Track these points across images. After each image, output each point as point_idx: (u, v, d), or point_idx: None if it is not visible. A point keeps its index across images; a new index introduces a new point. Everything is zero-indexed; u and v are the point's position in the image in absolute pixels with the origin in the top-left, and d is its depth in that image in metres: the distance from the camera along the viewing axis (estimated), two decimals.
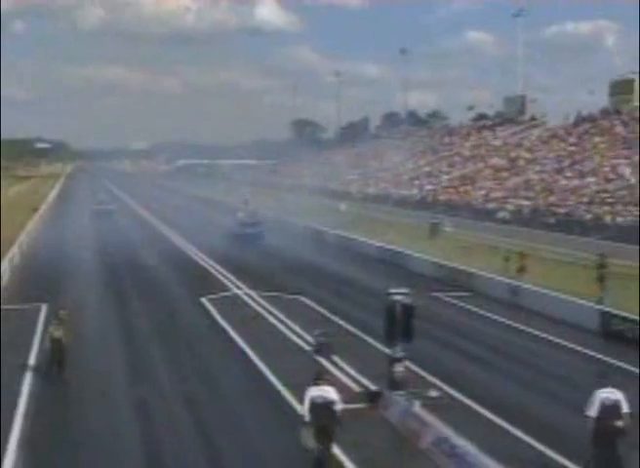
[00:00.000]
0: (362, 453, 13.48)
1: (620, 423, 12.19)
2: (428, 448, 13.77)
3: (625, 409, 12.30)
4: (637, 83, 70.54)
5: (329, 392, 12.77)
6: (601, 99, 77.49)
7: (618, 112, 68.94)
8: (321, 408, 12.54)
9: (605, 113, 70.90)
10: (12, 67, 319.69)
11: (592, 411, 12.32)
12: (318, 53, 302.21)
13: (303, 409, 12.76)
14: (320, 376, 13.17)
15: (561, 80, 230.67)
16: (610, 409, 12.25)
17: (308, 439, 12.53)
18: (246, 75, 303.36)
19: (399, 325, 16.15)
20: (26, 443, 13.96)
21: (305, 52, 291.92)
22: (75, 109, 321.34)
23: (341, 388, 16.32)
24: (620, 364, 19.77)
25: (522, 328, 23.91)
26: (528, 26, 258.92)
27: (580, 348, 21.30)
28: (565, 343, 21.86)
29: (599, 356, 20.51)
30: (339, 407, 12.69)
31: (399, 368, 16.03)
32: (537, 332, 23.18)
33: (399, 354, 16.10)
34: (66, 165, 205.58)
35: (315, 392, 12.74)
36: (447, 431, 13.82)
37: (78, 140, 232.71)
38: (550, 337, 22.53)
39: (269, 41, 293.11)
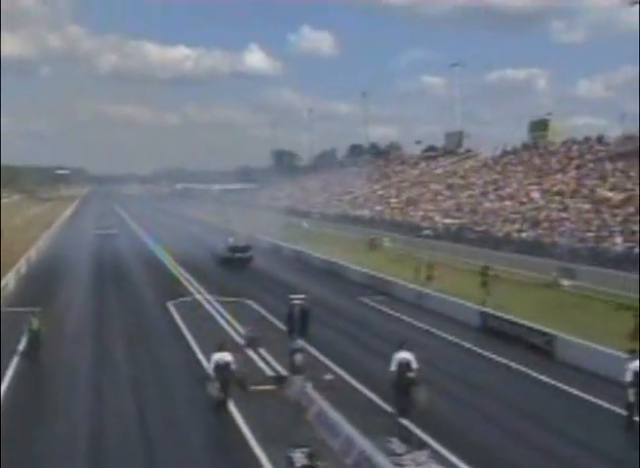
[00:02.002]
0: (261, 423, 14.82)
1: (411, 375, 14.93)
2: (312, 420, 15.19)
3: (415, 365, 15.00)
4: (550, 123, 72.43)
5: (228, 356, 15.50)
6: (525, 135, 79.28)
7: (535, 146, 70.68)
8: (222, 367, 15.29)
9: (525, 147, 72.67)
10: (38, 105, 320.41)
11: (392, 367, 15.07)
12: (297, 93, 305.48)
13: (209, 368, 15.55)
14: (222, 345, 15.89)
15: (500, 117, 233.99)
16: (404, 366, 15.00)
17: (212, 389, 15.33)
18: (236, 112, 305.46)
19: (297, 323, 17.56)
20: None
21: (287, 92, 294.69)
22: (91, 140, 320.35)
23: (258, 373, 17.92)
24: (480, 351, 21.33)
25: (418, 324, 25.26)
26: (475, 72, 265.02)
27: (457, 340, 22.76)
28: (447, 336, 23.29)
29: (471, 347, 21.97)
30: (234, 366, 15.37)
31: (298, 357, 17.41)
32: (428, 328, 24.54)
33: (298, 346, 17.49)
34: (83, 188, 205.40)
35: (218, 356, 15.46)
36: (325, 405, 15.24)
37: (94, 167, 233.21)
38: (438, 332, 23.96)
39: (256, 83, 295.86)
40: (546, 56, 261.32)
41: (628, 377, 14.79)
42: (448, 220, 56.61)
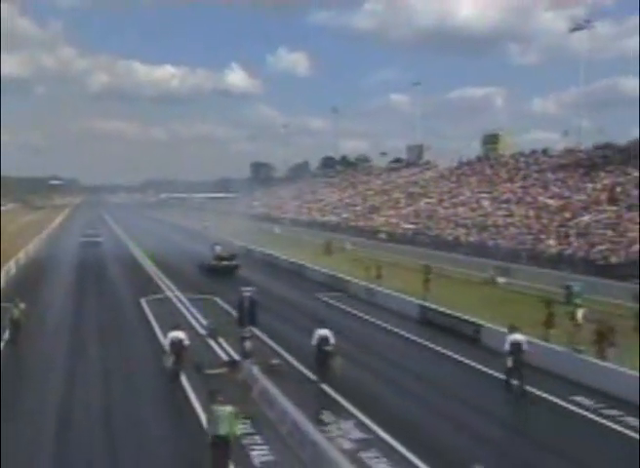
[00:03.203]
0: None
1: (328, 348, 16.40)
2: (256, 397, 16.00)
3: (332, 341, 16.42)
4: (501, 136, 73.99)
5: (181, 334, 16.98)
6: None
7: (487, 158, 72.17)
8: (176, 343, 16.76)
9: (479, 159, 74.13)
10: (33, 121, 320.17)
11: (313, 342, 16.55)
12: (275, 109, 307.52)
13: (165, 344, 17.08)
14: (177, 325, 17.41)
15: (460, 131, 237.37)
16: (323, 340, 16.46)
17: (167, 361, 16.80)
18: (218, 127, 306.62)
19: (247, 313, 18.33)
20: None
21: (265, 109, 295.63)
22: (83, 153, 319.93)
23: (215, 359, 18.64)
24: (414, 338, 22.29)
25: (364, 317, 26.11)
26: (437, 90, 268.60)
27: (396, 330, 23.64)
28: (388, 326, 24.16)
29: (407, 335, 22.87)
30: (186, 343, 16.89)
31: (247, 343, 18.19)
32: (372, 320, 25.42)
33: (247, 334, 18.28)
34: (75, 198, 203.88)
35: (173, 334, 16.94)
36: (267, 384, 16.07)
37: (85, 178, 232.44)
38: (378, 322, 24.88)
39: (237, 100, 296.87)
40: (503, 76, 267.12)
41: (507, 347, 16.15)
42: (407, 225, 57.75)
